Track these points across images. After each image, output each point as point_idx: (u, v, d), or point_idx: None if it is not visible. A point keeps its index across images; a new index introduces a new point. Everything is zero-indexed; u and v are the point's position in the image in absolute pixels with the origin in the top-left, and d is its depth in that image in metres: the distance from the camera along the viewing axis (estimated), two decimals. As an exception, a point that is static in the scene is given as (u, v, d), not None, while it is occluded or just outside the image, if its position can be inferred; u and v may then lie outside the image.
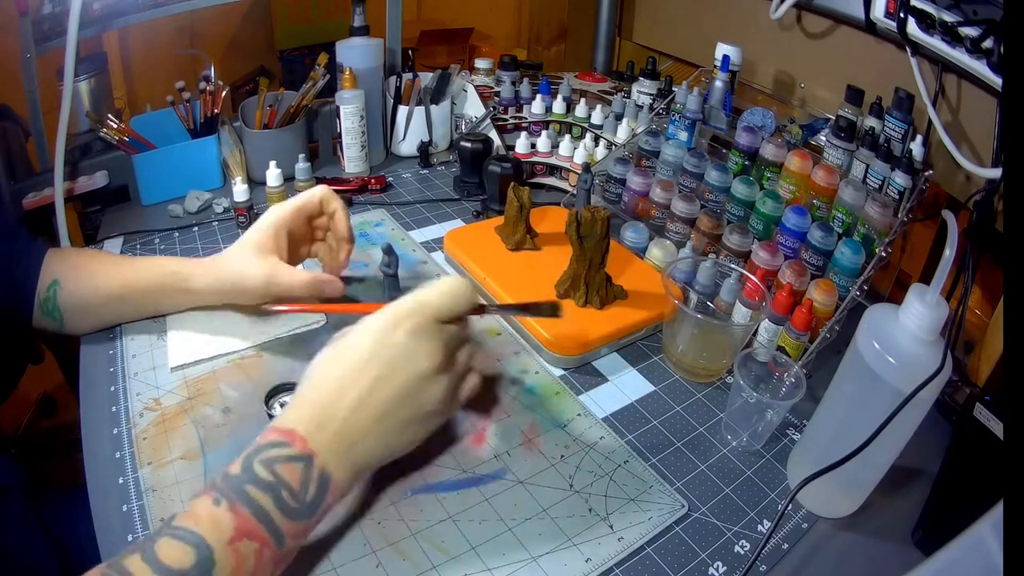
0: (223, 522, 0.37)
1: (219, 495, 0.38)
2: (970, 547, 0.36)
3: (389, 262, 0.66)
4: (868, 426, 0.47)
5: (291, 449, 0.41)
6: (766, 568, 0.51)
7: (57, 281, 0.64)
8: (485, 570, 0.48)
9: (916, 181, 0.71)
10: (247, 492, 0.39)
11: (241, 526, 0.38)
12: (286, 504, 0.40)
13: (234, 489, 0.39)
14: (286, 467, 0.40)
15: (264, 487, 0.39)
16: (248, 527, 0.38)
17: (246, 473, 0.39)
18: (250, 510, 0.38)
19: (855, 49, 0.87)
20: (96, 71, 1.00)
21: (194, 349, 0.66)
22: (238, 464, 0.40)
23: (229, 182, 0.96)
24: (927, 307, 0.45)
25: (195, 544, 0.36)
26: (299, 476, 0.41)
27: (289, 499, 0.40)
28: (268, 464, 0.40)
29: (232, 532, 0.37)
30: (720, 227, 0.79)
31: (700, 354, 0.67)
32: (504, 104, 1.10)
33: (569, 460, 0.57)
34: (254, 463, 0.40)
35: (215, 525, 0.37)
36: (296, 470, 0.41)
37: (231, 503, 0.38)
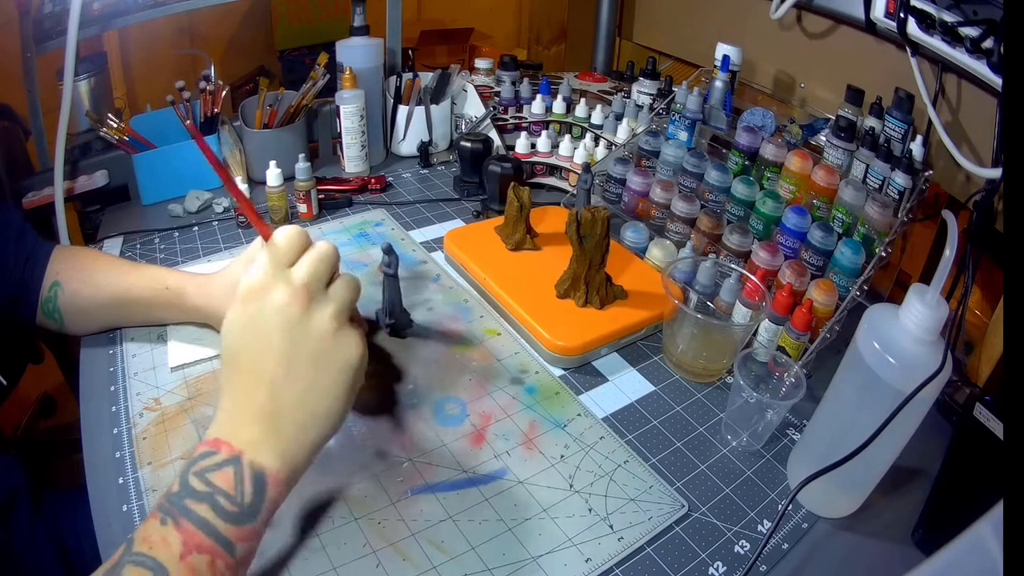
0: (171, 540, 0.38)
1: (164, 515, 0.39)
2: (970, 547, 0.36)
3: (389, 262, 0.66)
4: (868, 426, 0.47)
5: (218, 456, 0.41)
6: (766, 568, 0.51)
7: (58, 283, 0.64)
8: (485, 570, 0.48)
9: (916, 181, 0.71)
10: (187, 506, 0.39)
11: (188, 540, 0.38)
12: (225, 510, 0.39)
13: (175, 505, 0.39)
14: (218, 474, 0.40)
15: (201, 497, 0.39)
16: (195, 540, 0.38)
17: (183, 488, 0.40)
18: (193, 524, 0.38)
19: (855, 49, 0.87)
20: (96, 71, 1.00)
21: (194, 349, 0.66)
22: (176, 481, 0.40)
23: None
24: (927, 307, 0.45)
25: (152, 568, 0.37)
26: (231, 479, 0.40)
27: (227, 504, 0.40)
28: (200, 475, 0.40)
29: (181, 548, 0.38)
30: (720, 227, 0.79)
31: (700, 354, 0.67)
32: (504, 104, 1.10)
33: (569, 460, 0.57)
34: (188, 477, 0.40)
35: (165, 545, 0.38)
36: (228, 474, 0.40)
37: (175, 520, 0.38)
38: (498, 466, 0.56)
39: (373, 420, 0.60)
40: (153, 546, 0.38)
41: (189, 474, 0.40)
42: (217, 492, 0.40)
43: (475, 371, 0.67)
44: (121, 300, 0.65)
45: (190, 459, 0.41)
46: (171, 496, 0.40)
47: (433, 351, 0.69)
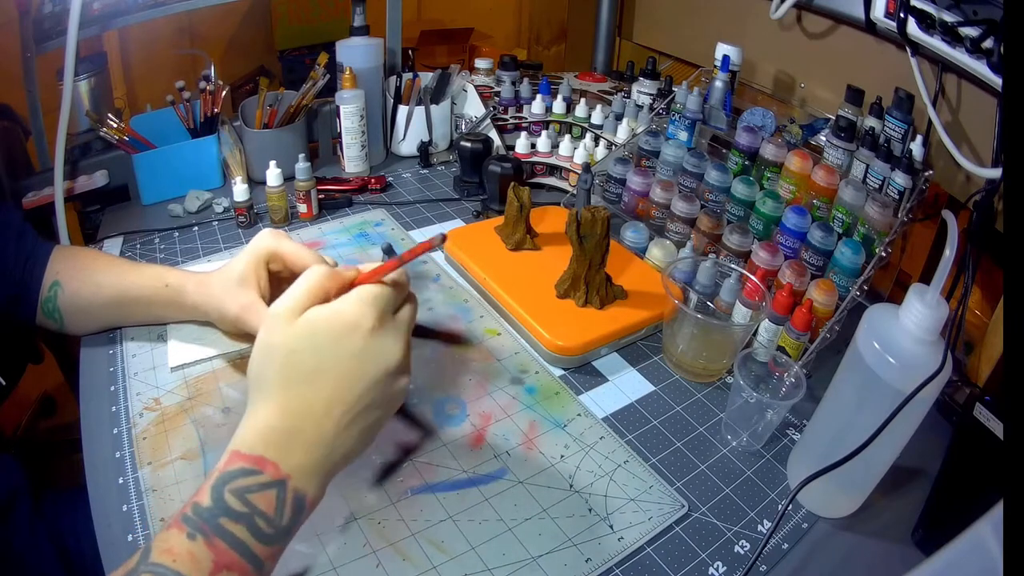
0: (201, 557, 0.36)
1: (192, 529, 0.37)
2: (970, 547, 0.36)
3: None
4: (868, 426, 0.47)
5: (262, 477, 0.39)
6: (766, 568, 0.51)
7: (58, 283, 0.64)
8: (485, 570, 0.48)
9: (916, 181, 0.71)
10: (221, 525, 0.37)
11: (219, 559, 0.37)
12: (262, 531, 0.38)
13: (207, 522, 0.37)
14: (259, 496, 0.39)
15: (238, 517, 0.38)
16: (226, 559, 0.37)
17: (217, 505, 0.38)
18: (226, 542, 0.37)
19: (855, 49, 0.87)
20: (96, 71, 1.00)
21: (194, 349, 0.66)
22: (207, 494, 0.38)
23: (229, 182, 0.96)
24: (927, 307, 0.45)
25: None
26: (273, 502, 0.39)
27: (265, 526, 0.39)
28: (239, 494, 0.38)
29: (211, 566, 0.36)
30: (720, 227, 0.79)
31: (700, 354, 0.67)
32: (504, 104, 1.10)
33: (569, 460, 0.57)
34: (225, 494, 0.38)
35: (194, 561, 0.36)
36: (270, 497, 0.39)
37: (207, 537, 0.37)
38: (498, 466, 0.56)
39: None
40: (177, 559, 0.36)
41: (226, 491, 0.38)
42: (256, 514, 0.38)
43: (475, 371, 0.67)
44: (121, 299, 0.65)
45: (224, 472, 0.39)
46: (201, 510, 0.38)
47: (433, 351, 0.69)
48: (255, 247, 0.61)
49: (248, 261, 0.61)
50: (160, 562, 0.36)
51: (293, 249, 0.61)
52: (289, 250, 0.61)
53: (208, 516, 0.38)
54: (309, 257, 0.60)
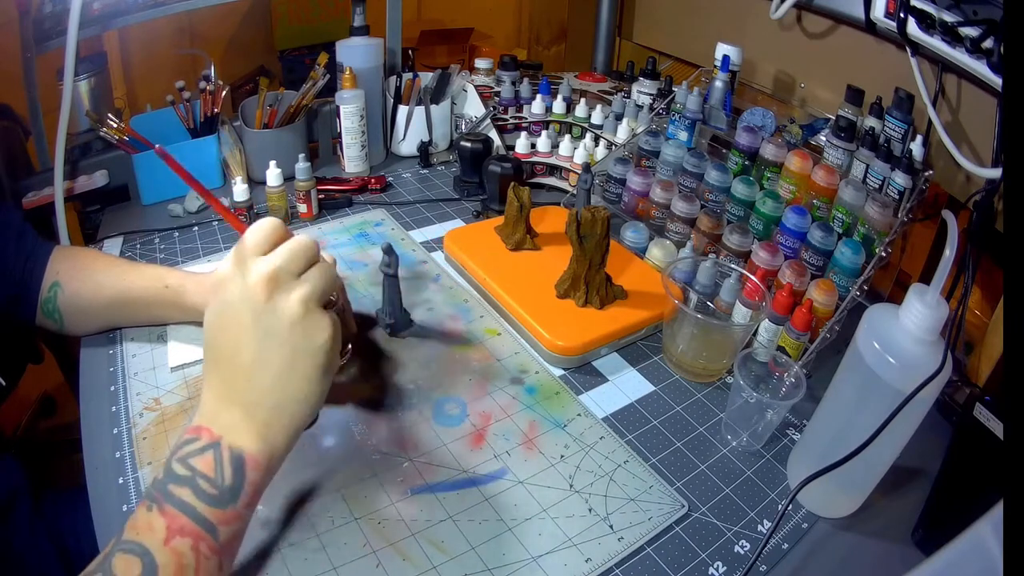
0: (156, 525, 0.39)
1: (149, 501, 0.40)
2: (970, 547, 0.36)
3: (389, 262, 0.66)
4: (868, 426, 0.47)
5: (199, 441, 0.42)
6: (766, 568, 0.51)
7: (58, 283, 0.64)
8: (485, 570, 0.48)
9: (916, 181, 0.71)
10: (169, 491, 0.40)
11: (171, 524, 0.39)
12: (206, 493, 0.40)
13: (159, 491, 0.40)
14: (199, 459, 0.41)
15: (182, 482, 0.40)
16: (177, 524, 0.39)
17: (167, 474, 0.41)
18: (175, 507, 0.39)
19: (855, 49, 0.87)
20: (96, 71, 1.00)
21: (194, 349, 0.66)
22: (161, 469, 0.41)
23: (229, 182, 0.96)
24: (927, 307, 0.45)
25: (139, 554, 0.38)
26: (211, 463, 0.41)
27: (208, 487, 0.41)
28: (183, 460, 0.41)
29: (165, 532, 0.39)
30: (720, 227, 0.79)
31: (700, 354, 0.67)
32: (504, 104, 1.10)
33: (569, 460, 0.57)
34: (172, 463, 0.41)
35: (150, 530, 0.39)
36: (208, 459, 0.41)
37: (159, 505, 0.39)
38: (498, 466, 0.56)
39: (373, 420, 0.60)
40: (140, 532, 0.39)
41: (172, 460, 0.41)
42: (198, 476, 0.41)
43: (475, 371, 0.67)
44: (121, 300, 0.65)
45: (174, 447, 0.42)
46: (156, 483, 0.41)
47: (433, 351, 0.69)
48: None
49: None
50: (127, 538, 0.39)
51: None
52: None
53: (159, 485, 0.40)
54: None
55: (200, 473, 0.41)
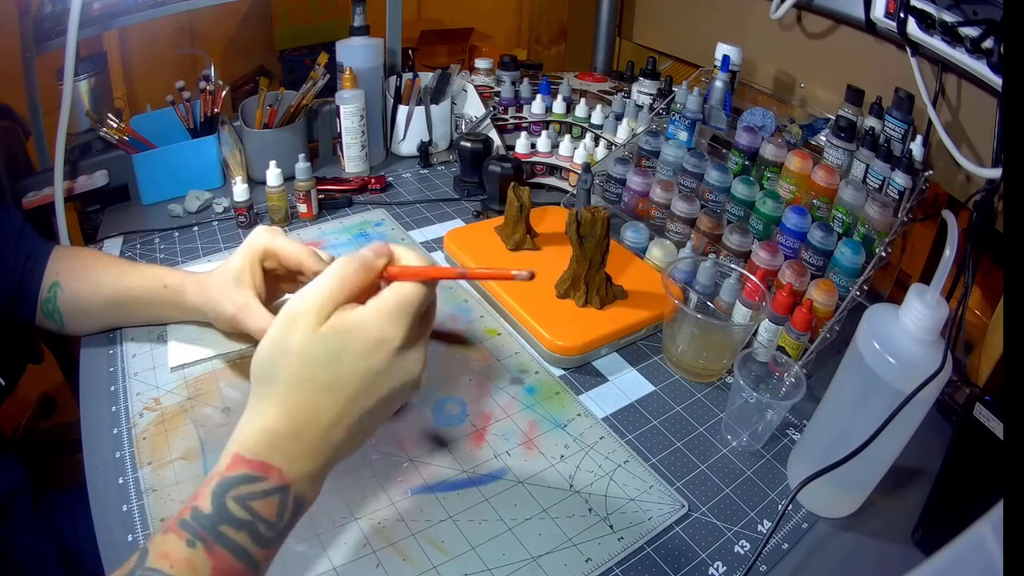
0: (200, 565, 0.36)
1: (192, 536, 0.36)
2: (970, 547, 0.36)
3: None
4: (868, 426, 0.47)
5: (266, 484, 0.38)
6: (766, 568, 0.51)
7: (57, 283, 0.64)
8: (485, 570, 0.48)
9: (916, 181, 0.71)
10: (222, 532, 0.37)
11: (219, 566, 0.36)
12: (262, 536, 0.38)
13: (207, 530, 0.36)
14: (262, 503, 0.38)
15: (240, 525, 0.37)
16: (226, 566, 0.36)
17: (218, 512, 0.37)
18: (227, 550, 0.36)
19: (855, 49, 0.87)
20: (96, 71, 1.00)
21: (194, 349, 0.66)
22: (207, 499, 0.37)
23: (229, 182, 0.96)
24: (927, 307, 0.45)
25: None
26: (275, 508, 0.38)
27: (265, 531, 0.38)
28: (242, 501, 0.37)
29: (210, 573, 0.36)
30: (720, 227, 0.79)
31: (700, 354, 0.67)
32: (504, 104, 1.10)
33: (569, 460, 0.57)
34: (227, 501, 0.37)
35: (192, 569, 0.36)
36: (272, 503, 0.38)
37: (207, 545, 0.36)
38: (498, 466, 0.56)
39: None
40: (175, 565, 0.35)
41: (228, 498, 0.37)
42: (259, 520, 0.38)
43: (475, 371, 0.67)
44: (121, 300, 0.65)
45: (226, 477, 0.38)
46: (201, 517, 0.37)
47: (433, 351, 0.69)
48: (250, 244, 0.60)
49: (243, 260, 0.60)
50: (157, 567, 0.35)
51: (287, 246, 0.60)
52: (283, 247, 0.60)
53: (208, 524, 0.37)
54: (304, 254, 0.59)
55: (261, 518, 0.38)
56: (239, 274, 0.60)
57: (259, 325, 0.58)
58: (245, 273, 0.60)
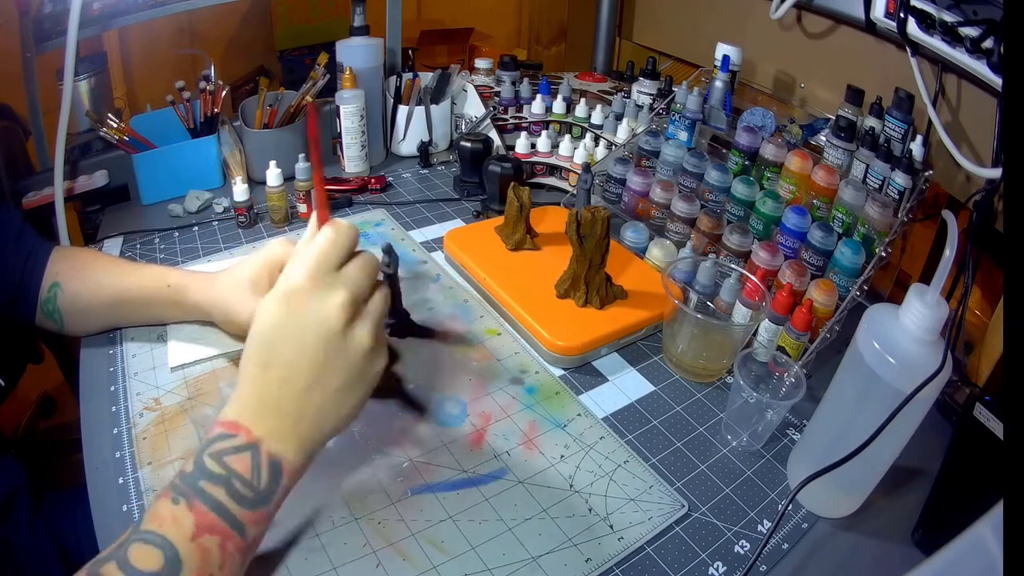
0: (183, 520, 0.38)
1: (176, 494, 0.39)
2: (970, 547, 0.36)
3: (389, 262, 0.66)
4: (868, 426, 0.47)
5: (237, 439, 0.41)
6: (766, 568, 0.51)
7: (57, 283, 0.64)
8: (485, 570, 0.48)
9: (916, 181, 0.71)
10: (201, 487, 0.39)
11: (200, 521, 0.38)
12: (240, 494, 0.40)
13: (189, 486, 0.39)
14: (235, 458, 0.41)
15: (216, 480, 0.40)
16: (207, 521, 0.39)
17: (198, 469, 0.40)
18: (207, 505, 0.39)
19: (855, 49, 0.87)
20: (96, 71, 1.00)
21: (194, 348, 0.66)
22: (191, 462, 0.40)
23: (229, 182, 0.96)
24: (927, 307, 0.45)
25: (161, 546, 0.37)
26: (248, 465, 0.41)
27: (243, 488, 0.40)
28: (217, 457, 0.40)
29: (193, 529, 0.38)
30: (720, 227, 0.79)
31: (700, 354, 0.67)
32: (504, 104, 1.10)
33: (569, 460, 0.57)
34: (204, 458, 0.40)
35: (176, 524, 0.38)
36: (245, 459, 0.41)
37: (188, 501, 0.39)
38: (498, 466, 0.56)
39: (373, 420, 0.60)
40: (163, 524, 0.38)
41: (204, 455, 0.40)
42: (234, 476, 0.40)
43: (475, 371, 0.67)
44: (121, 299, 0.65)
45: (206, 439, 0.41)
46: (185, 476, 0.40)
47: (433, 351, 0.69)
48: (270, 255, 0.61)
49: (262, 267, 0.61)
50: (149, 529, 0.38)
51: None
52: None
53: (190, 480, 0.39)
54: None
55: (236, 473, 0.40)
56: (255, 281, 0.61)
57: None
58: (262, 281, 0.60)
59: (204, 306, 0.64)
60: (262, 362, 0.43)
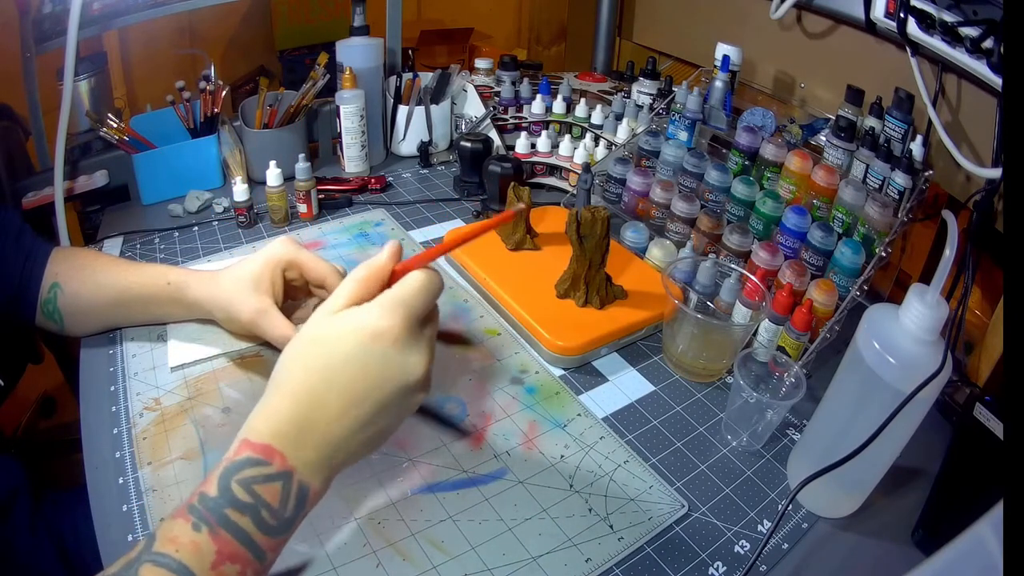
0: (205, 548, 0.37)
1: (197, 519, 0.37)
2: (970, 547, 0.36)
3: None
4: (868, 426, 0.47)
5: (270, 468, 0.39)
6: (766, 568, 0.51)
7: (57, 284, 0.64)
8: (485, 570, 0.48)
9: (916, 181, 0.71)
10: (227, 515, 0.38)
11: (223, 549, 0.37)
12: (266, 523, 0.39)
13: (213, 512, 0.38)
14: (265, 487, 0.39)
15: (243, 508, 0.38)
16: (230, 550, 0.37)
17: (223, 495, 0.38)
18: (231, 533, 0.37)
19: (855, 49, 0.87)
20: (96, 71, 1.00)
21: (194, 348, 0.66)
22: (214, 484, 0.38)
23: (229, 182, 0.96)
24: (927, 307, 0.45)
25: (176, 571, 0.36)
26: (278, 494, 0.39)
27: (269, 517, 0.39)
28: (246, 484, 0.38)
29: (214, 557, 0.37)
30: (720, 227, 0.79)
31: (700, 354, 0.67)
32: (504, 104, 1.10)
33: (569, 460, 0.57)
34: (232, 484, 0.38)
35: (197, 551, 0.36)
36: (275, 488, 0.39)
37: (211, 528, 0.37)
38: (498, 466, 0.56)
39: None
40: (181, 549, 0.36)
41: (232, 481, 0.38)
42: (261, 505, 0.38)
43: (475, 371, 0.67)
44: (122, 298, 0.65)
45: (232, 461, 0.39)
46: (208, 500, 0.38)
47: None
48: (273, 254, 0.61)
49: (264, 266, 0.61)
50: (163, 551, 0.36)
51: (312, 260, 0.61)
52: (308, 260, 0.61)
53: (214, 506, 0.38)
54: (328, 270, 0.61)
55: (264, 502, 0.38)
56: (258, 280, 0.61)
57: (279, 332, 0.59)
58: (265, 280, 0.61)
59: (205, 304, 0.64)
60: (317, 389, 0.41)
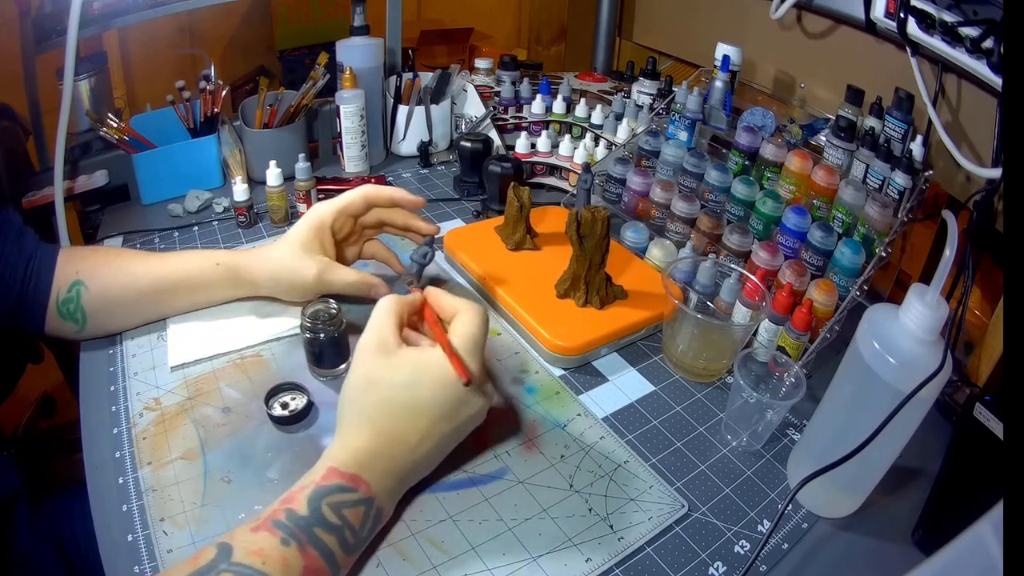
0: (293, 563, 0.40)
1: (286, 535, 0.40)
2: (970, 547, 0.36)
3: (426, 254, 0.68)
4: (868, 426, 0.47)
5: (356, 494, 0.44)
6: (766, 568, 0.51)
7: (80, 281, 0.62)
8: (485, 570, 0.48)
9: (916, 181, 0.71)
10: (316, 534, 0.41)
11: (309, 565, 0.40)
12: (347, 542, 0.43)
13: (303, 530, 0.41)
14: (351, 511, 0.44)
15: (331, 528, 0.42)
16: (315, 566, 0.41)
17: (314, 515, 0.42)
18: (318, 551, 0.41)
19: (855, 49, 0.87)
20: (96, 71, 1.00)
21: (194, 348, 0.66)
22: (303, 503, 0.42)
23: (229, 181, 0.96)
24: (927, 307, 0.45)
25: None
26: (361, 517, 0.44)
27: (350, 537, 0.43)
28: (336, 508, 0.43)
29: (301, 571, 0.40)
30: (720, 227, 0.79)
31: (700, 354, 0.67)
32: (504, 104, 1.10)
33: (569, 460, 0.57)
34: (322, 505, 0.42)
35: (284, 565, 0.39)
36: (359, 512, 0.44)
37: (301, 545, 0.40)
38: (498, 466, 0.56)
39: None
40: (268, 561, 0.39)
41: (323, 503, 0.43)
42: (347, 527, 0.43)
43: (475, 371, 0.67)
44: (162, 285, 0.64)
45: (322, 485, 0.44)
46: (298, 518, 0.41)
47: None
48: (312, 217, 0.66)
49: (309, 230, 0.66)
50: (247, 563, 0.38)
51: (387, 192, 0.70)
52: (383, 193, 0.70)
53: (304, 525, 0.41)
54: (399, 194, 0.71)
55: (350, 524, 0.43)
56: (307, 242, 0.65)
57: (347, 279, 0.66)
58: (314, 241, 0.66)
59: (261, 279, 0.66)
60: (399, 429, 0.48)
